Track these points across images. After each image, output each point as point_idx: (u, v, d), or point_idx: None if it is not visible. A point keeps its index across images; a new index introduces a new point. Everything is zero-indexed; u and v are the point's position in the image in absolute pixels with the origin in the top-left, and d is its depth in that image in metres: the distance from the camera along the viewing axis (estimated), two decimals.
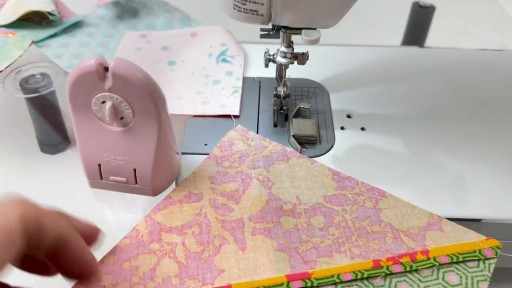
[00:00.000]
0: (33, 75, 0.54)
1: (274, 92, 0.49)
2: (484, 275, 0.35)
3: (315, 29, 0.40)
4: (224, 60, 0.56)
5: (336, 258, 0.36)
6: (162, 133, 0.36)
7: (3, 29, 0.57)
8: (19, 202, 0.24)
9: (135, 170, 0.38)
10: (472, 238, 0.37)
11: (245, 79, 0.54)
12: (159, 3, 0.64)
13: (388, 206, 0.40)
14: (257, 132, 0.47)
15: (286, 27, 0.41)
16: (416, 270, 0.35)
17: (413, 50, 0.62)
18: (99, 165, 0.39)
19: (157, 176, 0.39)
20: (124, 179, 0.39)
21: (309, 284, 0.34)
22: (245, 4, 0.38)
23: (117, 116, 0.35)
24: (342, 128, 0.48)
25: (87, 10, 0.64)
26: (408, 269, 0.35)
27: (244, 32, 0.53)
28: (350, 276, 0.34)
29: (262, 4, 0.38)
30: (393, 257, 0.36)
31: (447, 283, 0.34)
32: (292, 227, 0.38)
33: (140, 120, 0.36)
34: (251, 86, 0.53)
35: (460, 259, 0.35)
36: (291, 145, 0.46)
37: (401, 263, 0.35)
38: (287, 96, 0.49)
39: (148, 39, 0.60)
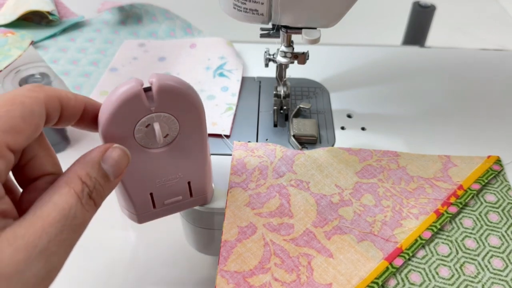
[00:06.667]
0: (32, 75, 0.54)
1: (274, 92, 0.49)
2: (506, 185, 0.42)
3: (315, 28, 0.40)
4: (221, 74, 0.54)
5: (405, 224, 0.38)
6: (206, 135, 0.35)
7: (3, 28, 0.56)
8: (40, 87, 0.28)
9: (189, 183, 0.36)
10: (479, 162, 0.43)
11: (245, 79, 0.54)
12: (161, 10, 0.64)
13: (407, 161, 0.43)
14: (257, 132, 0.47)
15: (286, 27, 0.41)
16: (465, 204, 0.40)
17: (413, 50, 0.62)
18: (151, 194, 0.36)
19: (209, 180, 0.38)
20: (180, 197, 0.37)
21: (407, 257, 0.36)
22: (245, 3, 0.38)
23: (163, 135, 0.33)
24: (342, 128, 0.48)
25: (87, 10, 0.64)
26: (460, 206, 0.40)
27: (244, 31, 0.53)
28: (429, 233, 0.38)
29: (262, 3, 0.38)
30: (444, 202, 0.40)
31: (490, 203, 0.40)
32: (353, 215, 0.39)
33: (186, 130, 0.33)
34: (251, 86, 0.53)
35: (485, 181, 0.41)
36: (291, 145, 0.45)
37: (452, 204, 0.40)
38: (287, 96, 0.48)
39: (146, 49, 0.59)
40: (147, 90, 0.31)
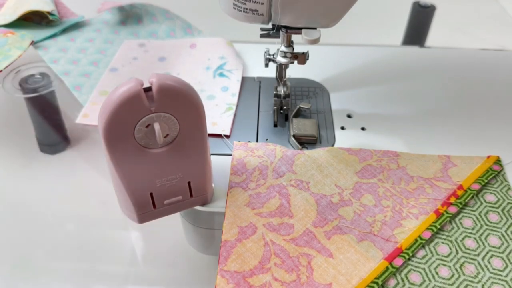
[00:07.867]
0: (32, 75, 0.54)
1: (274, 92, 0.49)
2: (506, 185, 0.42)
3: (315, 28, 0.40)
4: (221, 74, 0.54)
5: (405, 224, 0.38)
6: (206, 135, 0.35)
7: (3, 28, 0.57)
8: None
9: (189, 183, 0.36)
10: (478, 162, 0.43)
11: (245, 79, 0.54)
12: (161, 10, 0.64)
13: (407, 162, 0.43)
14: (257, 132, 0.47)
15: (286, 27, 0.41)
16: (465, 204, 0.40)
17: (413, 50, 0.62)
18: (151, 194, 0.36)
19: (209, 179, 0.38)
20: (180, 197, 0.37)
21: (406, 257, 0.36)
22: (245, 3, 0.38)
23: (163, 135, 0.33)
24: (342, 128, 0.48)
25: (87, 10, 0.64)
26: (460, 206, 0.40)
27: (244, 32, 0.53)
28: (429, 233, 0.38)
29: (262, 3, 0.38)
30: (444, 202, 0.40)
31: (490, 203, 0.40)
32: (353, 215, 0.39)
33: (186, 130, 0.33)
34: (251, 86, 0.53)
35: (485, 181, 0.41)
36: (291, 145, 0.45)
37: (452, 204, 0.40)
38: (287, 96, 0.48)
39: (146, 49, 0.59)
40: (147, 90, 0.31)
